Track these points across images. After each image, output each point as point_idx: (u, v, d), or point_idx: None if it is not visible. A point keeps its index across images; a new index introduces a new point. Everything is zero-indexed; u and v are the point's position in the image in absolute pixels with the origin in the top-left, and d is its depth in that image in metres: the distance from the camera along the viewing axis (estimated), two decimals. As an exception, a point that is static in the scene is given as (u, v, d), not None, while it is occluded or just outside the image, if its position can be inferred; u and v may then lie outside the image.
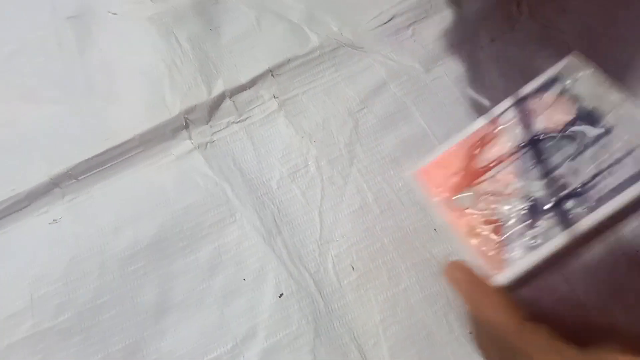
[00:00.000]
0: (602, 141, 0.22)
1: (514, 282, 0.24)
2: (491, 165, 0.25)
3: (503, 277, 0.24)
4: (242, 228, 0.42)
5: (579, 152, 0.23)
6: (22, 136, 0.45)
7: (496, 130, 0.25)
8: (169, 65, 0.47)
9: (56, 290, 0.39)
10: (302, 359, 0.38)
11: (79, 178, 0.43)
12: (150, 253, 0.41)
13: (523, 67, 0.47)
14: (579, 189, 0.22)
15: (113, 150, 0.44)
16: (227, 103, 0.46)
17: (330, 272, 0.41)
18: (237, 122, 0.46)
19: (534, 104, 0.25)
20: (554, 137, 0.23)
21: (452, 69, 0.47)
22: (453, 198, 0.26)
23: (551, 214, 0.23)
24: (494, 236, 0.24)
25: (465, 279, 0.25)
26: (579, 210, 0.22)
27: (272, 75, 0.47)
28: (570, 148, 0.23)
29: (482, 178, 0.25)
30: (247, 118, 0.46)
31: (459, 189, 0.26)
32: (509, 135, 0.25)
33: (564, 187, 0.23)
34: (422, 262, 0.40)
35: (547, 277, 0.25)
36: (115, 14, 0.51)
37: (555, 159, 0.23)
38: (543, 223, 0.23)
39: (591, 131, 0.23)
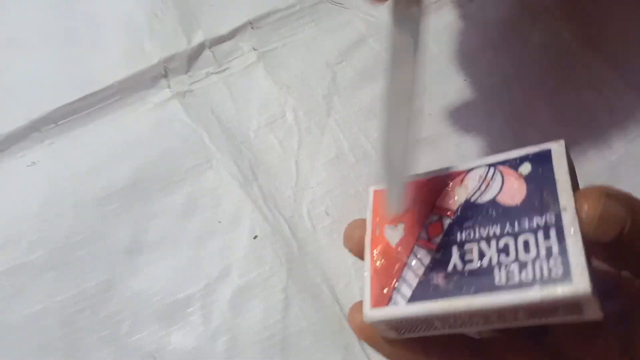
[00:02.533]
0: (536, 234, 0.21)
1: (383, 323, 0.23)
2: (434, 211, 0.24)
3: (375, 313, 0.23)
4: (219, 174, 0.42)
5: (508, 234, 0.22)
6: (2, 82, 0.46)
7: (461, 182, 0.25)
8: (149, 15, 0.48)
9: (30, 228, 0.40)
10: (274, 297, 0.38)
11: (59, 123, 0.44)
12: (125, 194, 0.41)
13: (503, 30, 0.48)
14: (484, 268, 0.21)
15: (92, 97, 0.44)
16: (207, 53, 0.47)
17: (304, 217, 0.41)
18: (216, 73, 0.46)
19: (503, 172, 0.24)
20: (498, 210, 0.23)
21: (430, 27, 0.48)
22: (385, 225, 0.26)
23: (454, 277, 0.22)
24: (391, 274, 0.24)
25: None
26: (471, 287, 0.21)
27: (252, 28, 0.48)
28: (503, 227, 0.22)
29: (418, 221, 0.25)
30: (226, 69, 0.47)
31: (393, 220, 0.25)
32: (465, 191, 0.24)
33: (472, 260, 0.22)
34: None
35: None
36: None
37: (487, 231, 0.22)
38: (440, 282, 0.22)
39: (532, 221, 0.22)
